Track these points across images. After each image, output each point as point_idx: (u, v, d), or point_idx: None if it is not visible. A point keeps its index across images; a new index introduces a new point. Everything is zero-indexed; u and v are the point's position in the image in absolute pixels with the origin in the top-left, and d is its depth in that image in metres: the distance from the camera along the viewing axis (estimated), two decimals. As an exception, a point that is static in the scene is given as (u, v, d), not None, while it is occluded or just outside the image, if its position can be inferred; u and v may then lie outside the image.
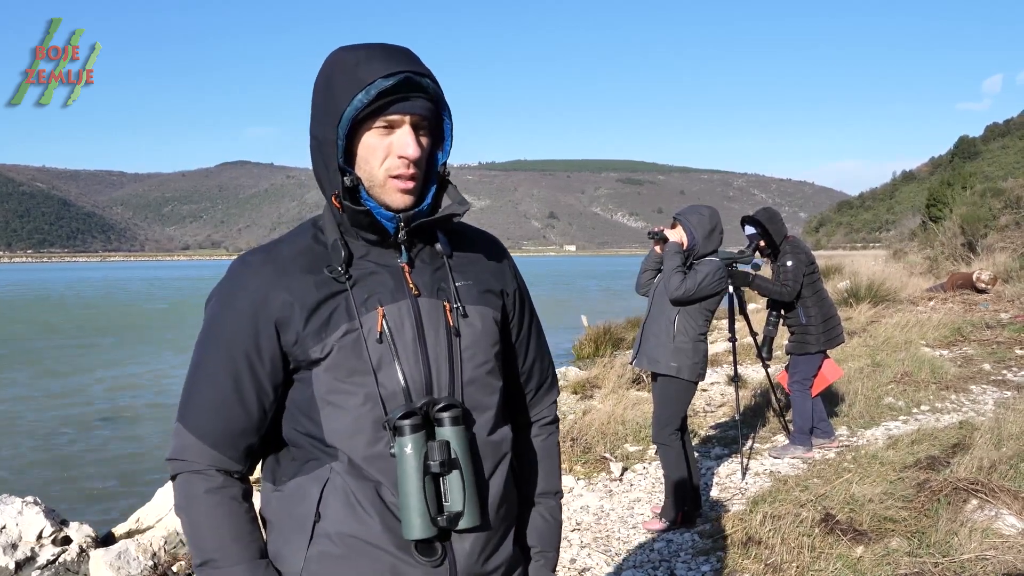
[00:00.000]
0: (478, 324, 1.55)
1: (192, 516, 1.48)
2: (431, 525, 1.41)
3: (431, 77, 1.45)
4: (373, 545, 1.45)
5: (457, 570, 1.48)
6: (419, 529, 1.41)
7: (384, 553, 1.45)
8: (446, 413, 1.44)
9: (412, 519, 1.40)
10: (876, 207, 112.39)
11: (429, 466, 1.40)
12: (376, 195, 1.47)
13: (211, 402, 1.48)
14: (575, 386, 10.40)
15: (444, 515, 1.43)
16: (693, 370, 4.89)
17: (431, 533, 1.42)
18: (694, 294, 4.81)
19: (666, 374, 4.91)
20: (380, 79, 1.39)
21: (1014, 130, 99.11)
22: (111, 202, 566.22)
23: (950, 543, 4.11)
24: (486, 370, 1.55)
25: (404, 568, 1.45)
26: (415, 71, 1.42)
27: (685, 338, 4.89)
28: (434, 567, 1.46)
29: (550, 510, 1.75)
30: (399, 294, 1.49)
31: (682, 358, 4.87)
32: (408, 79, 1.41)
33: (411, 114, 1.43)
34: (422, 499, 1.40)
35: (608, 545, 4.92)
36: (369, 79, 1.39)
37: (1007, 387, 8.80)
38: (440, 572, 1.47)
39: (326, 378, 1.46)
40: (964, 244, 24.83)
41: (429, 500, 1.41)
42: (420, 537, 1.42)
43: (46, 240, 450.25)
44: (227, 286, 1.53)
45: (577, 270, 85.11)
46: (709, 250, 4.96)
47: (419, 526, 1.40)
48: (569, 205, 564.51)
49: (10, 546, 5.19)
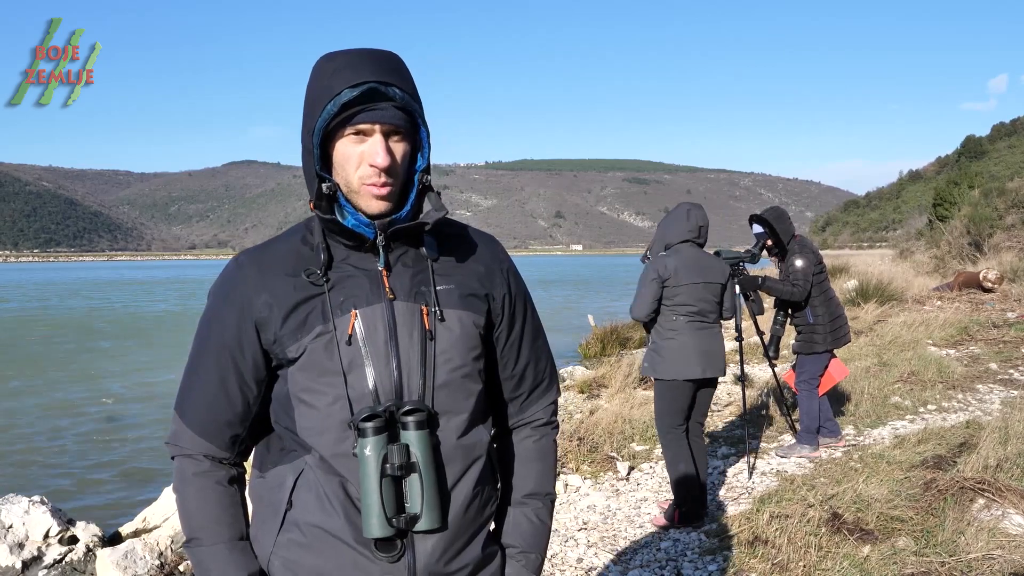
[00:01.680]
0: (456, 328, 1.57)
1: (183, 496, 1.58)
2: (387, 525, 1.46)
3: (400, 86, 1.46)
4: (336, 538, 1.50)
5: (416, 568, 1.51)
6: (375, 528, 1.45)
7: (346, 546, 1.50)
8: (410, 417, 1.48)
9: (370, 519, 1.45)
10: (883, 206, 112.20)
11: (386, 468, 1.45)
12: (353, 200, 1.51)
13: (201, 395, 1.58)
14: (581, 385, 10.41)
15: (403, 516, 1.48)
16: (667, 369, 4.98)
17: (387, 533, 1.46)
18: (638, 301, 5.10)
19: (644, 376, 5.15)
20: (347, 89, 1.42)
21: (1020, 130, 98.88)
22: (117, 201, 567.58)
23: (957, 542, 4.10)
24: (462, 374, 1.57)
25: (364, 563, 1.50)
26: (382, 80, 1.44)
27: (657, 338, 5.04)
28: (391, 563, 1.50)
29: (537, 511, 1.76)
30: (374, 298, 1.53)
31: (653, 357, 5.04)
32: (374, 89, 1.44)
33: (380, 123, 1.46)
34: (379, 500, 1.44)
35: (615, 544, 4.92)
36: (337, 89, 1.43)
37: (1014, 386, 8.78)
38: (398, 568, 1.51)
39: (300, 377, 1.52)
40: (970, 243, 24.76)
41: (387, 501, 1.45)
42: (377, 536, 1.46)
43: (52, 239, 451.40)
44: (219, 285, 1.61)
45: (593, 274, 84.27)
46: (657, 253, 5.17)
47: (375, 526, 1.45)
48: (576, 204, 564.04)
49: (17, 545, 5.21)
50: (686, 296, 4.94)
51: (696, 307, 4.95)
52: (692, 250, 5.02)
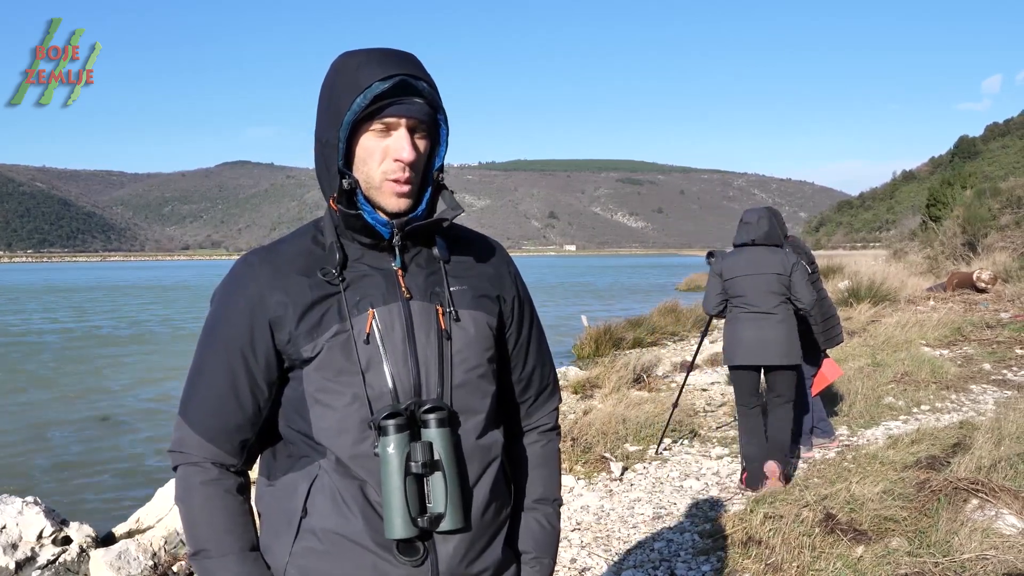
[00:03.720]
0: (471, 329, 1.56)
1: (188, 507, 1.53)
2: (411, 525, 1.43)
3: (428, 81, 1.47)
4: (355, 543, 1.47)
5: (439, 571, 1.49)
6: (399, 529, 1.42)
7: (366, 551, 1.47)
8: (432, 415, 1.46)
9: (393, 519, 1.42)
10: (876, 207, 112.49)
11: (411, 466, 1.43)
12: (373, 197, 1.50)
13: (208, 397, 1.53)
14: (575, 386, 10.40)
15: (426, 516, 1.45)
16: (728, 356, 5.56)
17: (411, 533, 1.43)
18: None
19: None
20: (377, 82, 1.41)
21: (1014, 130, 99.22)
22: (111, 202, 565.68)
23: (950, 543, 4.11)
24: (477, 374, 1.56)
25: (385, 567, 1.47)
26: (411, 74, 1.44)
27: (724, 328, 5.67)
28: (415, 567, 1.47)
29: (547, 517, 1.75)
30: (391, 297, 1.51)
31: (724, 346, 5.64)
32: (404, 82, 1.43)
33: (407, 117, 1.45)
34: (403, 499, 1.42)
35: (608, 545, 4.92)
36: (367, 82, 1.41)
37: (1007, 387, 8.81)
38: (421, 572, 1.48)
39: (316, 377, 1.49)
40: (964, 244, 24.84)
41: (411, 500, 1.43)
42: (400, 537, 1.43)
43: (46, 240, 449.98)
44: (228, 285, 1.57)
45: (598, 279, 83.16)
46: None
47: (399, 526, 1.42)
48: (569, 205, 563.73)
49: (10, 546, 5.19)
50: (740, 288, 5.34)
51: (749, 298, 5.32)
52: (751, 248, 5.50)
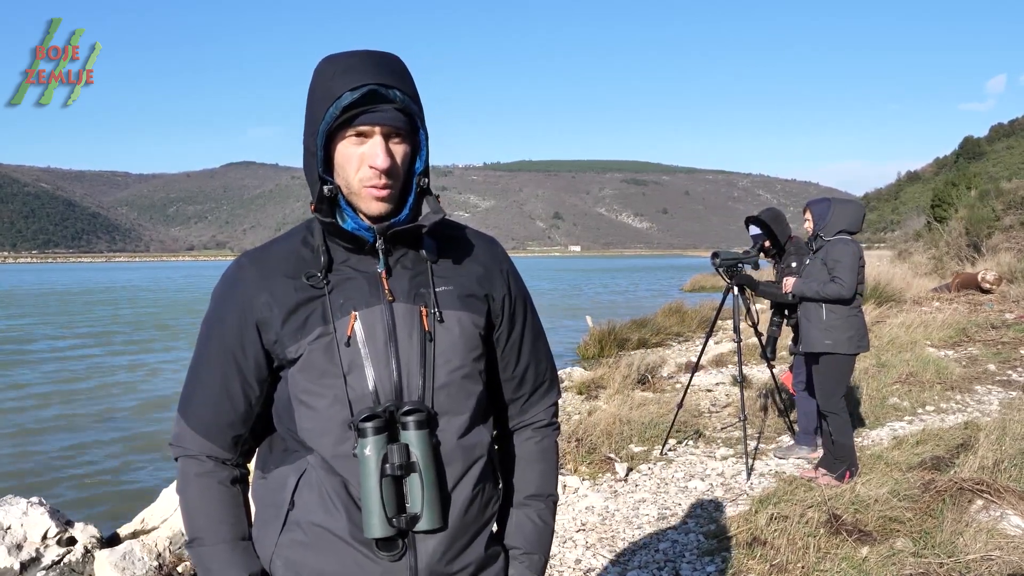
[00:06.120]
0: (455, 329, 1.58)
1: (186, 497, 1.61)
2: (388, 525, 1.47)
3: (402, 88, 1.47)
4: (338, 537, 1.51)
5: (418, 568, 1.52)
6: (376, 528, 1.46)
7: (347, 546, 1.51)
8: (411, 417, 1.49)
9: (370, 519, 1.46)
10: (881, 207, 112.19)
11: (386, 468, 1.46)
12: (354, 202, 1.52)
13: (203, 395, 1.60)
14: (580, 386, 10.38)
15: (404, 516, 1.49)
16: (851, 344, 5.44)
17: (388, 533, 1.48)
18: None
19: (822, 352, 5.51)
20: (347, 92, 1.43)
21: (1019, 131, 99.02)
22: (116, 203, 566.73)
23: (955, 543, 4.11)
24: (461, 375, 1.58)
25: (365, 562, 1.51)
26: (381, 83, 1.44)
27: (835, 317, 5.43)
28: (393, 562, 1.51)
29: (540, 513, 1.76)
30: (373, 299, 1.54)
31: (832, 334, 5.43)
32: (374, 92, 1.44)
33: (380, 125, 1.46)
34: (379, 500, 1.46)
35: (613, 546, 4.91)
36: (338, 92, 1.43)
37: (1012, 387, 8.80)
38: (400, 568, 1.52)
39: (299, 378, 1.53)
40: (969, 244, 24.80)
41: (387, 501, 1.46)
42: (377, 536, 1.47)
43: (51, 241, 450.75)
44: (222, 286, 1.63)
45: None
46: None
47: (376, 526, 1.46)
48: (574, 205, 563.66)
49: (15, 547, 5.20)
50: (862, 275, 5.49)
51: (862, 287, 5.54)
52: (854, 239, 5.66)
